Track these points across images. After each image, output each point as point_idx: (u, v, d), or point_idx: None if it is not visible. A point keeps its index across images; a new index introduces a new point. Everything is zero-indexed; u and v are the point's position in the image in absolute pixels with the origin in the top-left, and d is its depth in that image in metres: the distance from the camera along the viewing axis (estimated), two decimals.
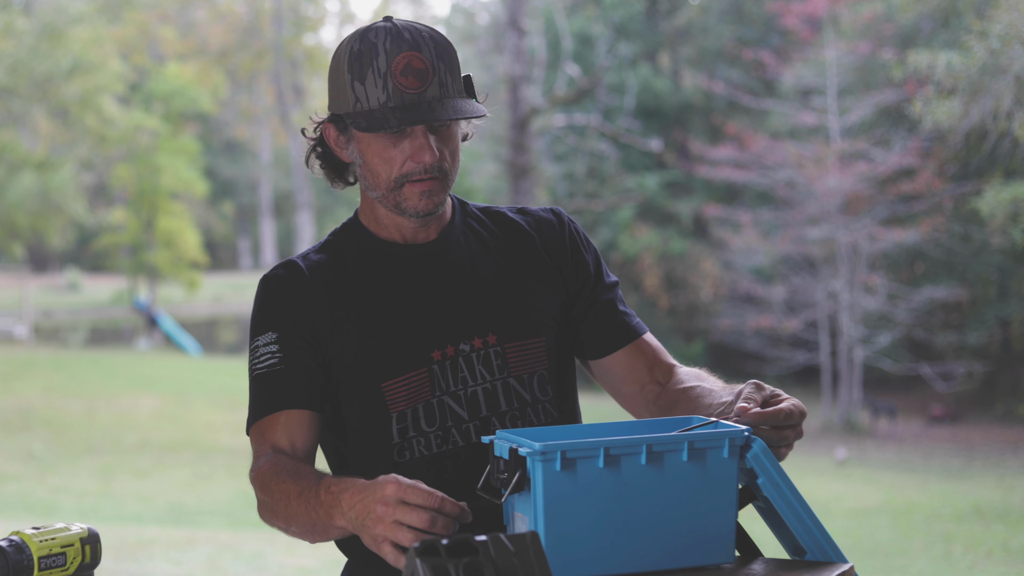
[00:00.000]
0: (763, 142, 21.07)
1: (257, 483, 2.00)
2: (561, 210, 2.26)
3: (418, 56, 1.97)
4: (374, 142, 2.01)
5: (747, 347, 21.84)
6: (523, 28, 18.96)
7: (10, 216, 26.56)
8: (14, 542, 1.79)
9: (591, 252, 2.23)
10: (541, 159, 23.97)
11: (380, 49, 1.97)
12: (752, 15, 26.55)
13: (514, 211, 2.24)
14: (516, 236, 2.19)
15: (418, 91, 1.97)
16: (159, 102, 30.34)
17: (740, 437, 1.77)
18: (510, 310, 2.11)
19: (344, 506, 1.80)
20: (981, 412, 20.48)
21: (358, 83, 1.98)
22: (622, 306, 2.23)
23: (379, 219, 2.13)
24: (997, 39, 13.12)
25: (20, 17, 23.71)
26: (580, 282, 2.20)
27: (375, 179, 2.04)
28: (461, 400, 2.07)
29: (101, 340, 29.39)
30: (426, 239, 2.13)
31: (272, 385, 2.04)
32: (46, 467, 13.14)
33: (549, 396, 2.12)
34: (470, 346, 2.08)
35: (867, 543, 10.11)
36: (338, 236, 2.17)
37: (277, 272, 2.11)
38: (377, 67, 1.97)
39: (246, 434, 2.10)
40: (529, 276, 2.15)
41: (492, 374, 2.08)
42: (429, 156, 2.00)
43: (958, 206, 20.56)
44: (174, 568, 7.86)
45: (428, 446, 2.06)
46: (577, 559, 1.72)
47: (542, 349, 2.12)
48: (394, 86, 1.96)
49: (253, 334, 2.09)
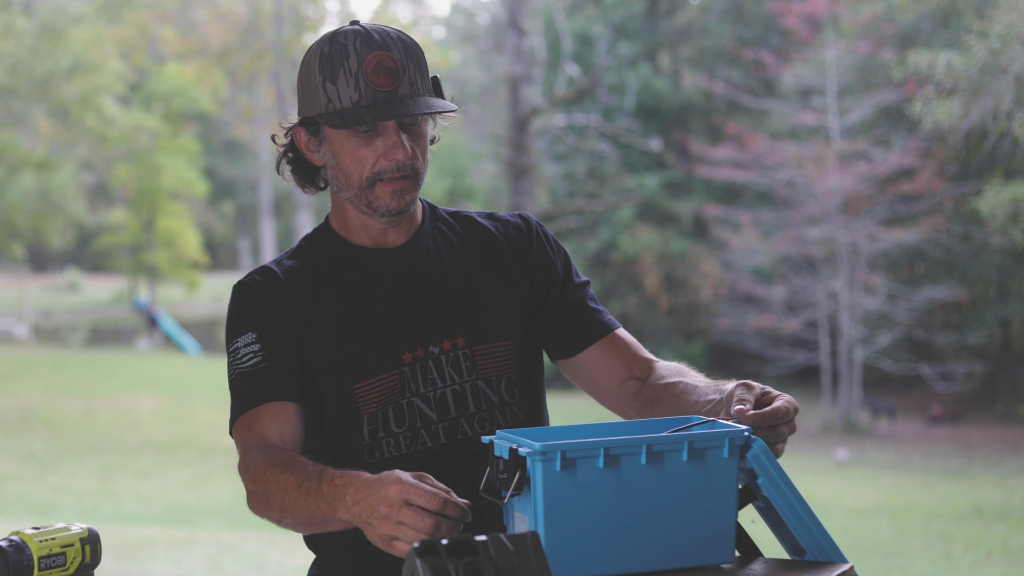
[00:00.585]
0: (763, 142, 21.07)
1: (249, 474, 2.00)
2: (529, 215, 2.27)
3: (388, 55, 2.00)
4: (346, 142, 2.03)
5: (747, 347, 21.84)
6: (523, 28, 18.96)
7: (10, 216, 26.56)
8: (14, 542, 1.79)
9: (560, 254, 2.24)
10: (541, 159, 23.98)
11: (350, 50, 2.00)
12: (752, 15, 26.55)
13: (483, 216, 2.25)
14: (484, 241, 2.20)
15: (390, 88, 1.99)
16: (159, 102, 30.34)
17: (740, 437, 1.77)
18: (478, 313, 2.12)
19: (348, 501, 1.80)
20: (981, 412, 20.48)
21: (330, 84, 2.01)
22: (592, 303, 2.23)
23: (349, 223, 2.15)
24: (997, 39, 13.12)
25: (20, 17, 23.70)
26: (548, 285, 2.21)
27: (347, 179, 2.06)
28: (430, 401, 2.08)
29: (101, 340, 29.39)
30: (396, 243, 2.15)
31: (257, 381, 2.05)
32: (46, 467, 13.14)
33: (516, 399, 2.13)
34: (439, 348, 2.09)
35: (867, 543, 10.11)
36: (310, 242, 2.18)
37: (253, 277, 2.13)
38: (348, 67, 2.00)
39: (229, 434, 2.10)
40: (497, 280, 2.17)
41: (461, 376, 2.10)
42: (402, 153, 2.02)
43: (958, 206, 20.56)
44: (174, 568, 7.86)
45: (398, 447, 2.07)
46: (577, 559, 1.72)
47: (510, 352, 2.13)
48: (366, 84, 1.99)
49: (231, 336, 2.09)
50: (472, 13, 38.52)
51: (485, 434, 2.07)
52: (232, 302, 2.13)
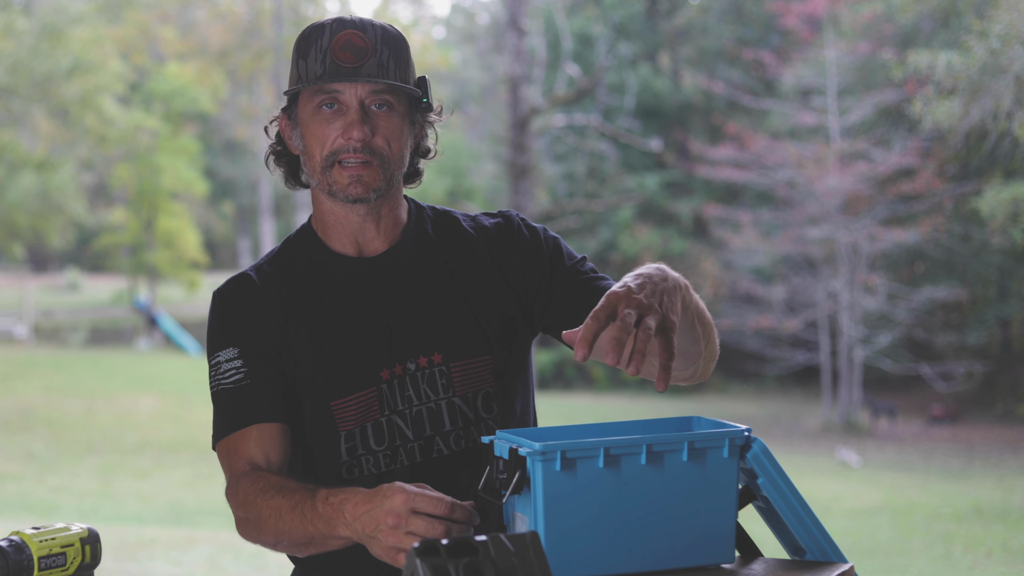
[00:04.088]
0: (763, 142, 21.08)
1: (237, 501, 1.98)
2: (512, 213, 2.19)
3: (360, 35, 1.99)
4: (311, 121, 2.01)
5: (747, 347, 21.84)
6: (523, 28, 18.97)
7: (10, 216, 26.57)
8: (14, 542, 1.78)
9: (545, 245, 2.13)
10: (541, 159, 23.99)
11: (326, 30, 2.00)
12: (752, 15, 26.56)
13: (467, 220, 2.18)
14: (467, 249, 2.13)
15: (354, 65, 1.97)
16: (159, 102, 30.35)
17: (740, 437, 1.77)
18: (456, 328, 2.06)
19: (348, 517, 1.79)
20: (981, 412, 20.48)
21: (301, 60, 2.00)
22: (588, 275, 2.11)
23: (326, 221, 2.09)
24: (997, 39, 13.12)
25: (20, 17, 23.70)
26: (535, 286, 2.12)
27: (311, 161, 2.02)
28: (407, 419, 2.05)
29: (101, 340, 29.38)
30: (376, 250, 2.10)
31: (240, 400, 2.02)
32: (46, 467, 13.14)
33: (493, 413, 2.08)
34: (416, 364, 2.05)
35: (867, 543, 10.11)
36: (290, 245, 2.13)
37: (231, 286, 2.09)
38: (320, 44, 1.99)
39: (212, 449, 2.08)
40: (478, 292, 2.10)
41: (436, 393, 2.05)
42: (357, 132, 1.97)
43: (958, 206, 20.57)
44: (174, 568, 7.86)
45: (377, 464, 2.04)
46: (577, 559, 1.72)
47: (488, 366, 2.08)
48: (332, 60, 1.97)
49: (213, 349, 2.06)
50: (472, 13, 38.52)
51: (460, 452, 2.05)
52: (212, 311, 2.09)
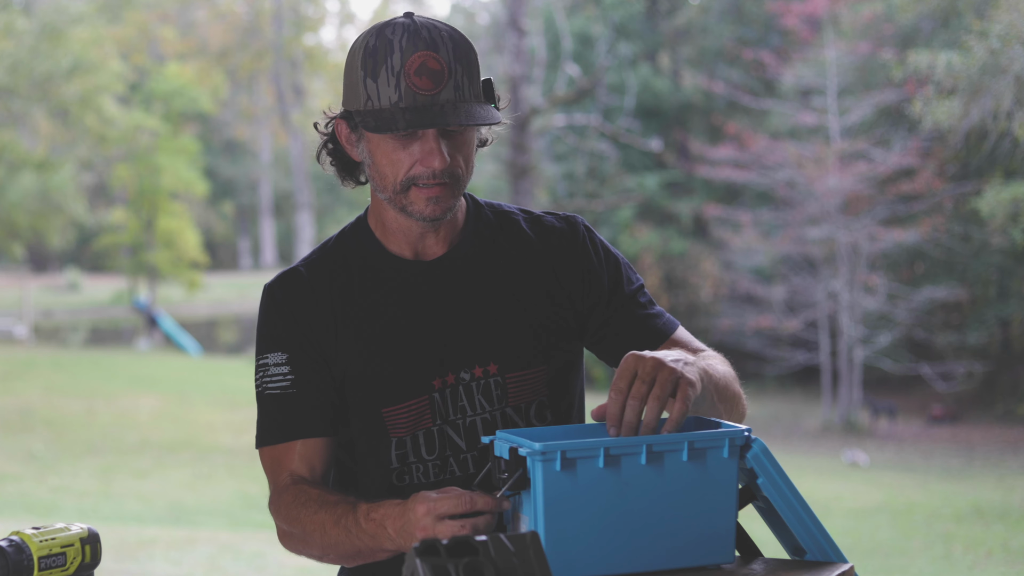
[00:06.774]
0: (763, 142, 21.07)
1: (281, 515, 1.99)
2: (578, 220, 2.15)
3: (434, 56, 1.89)
4: (383, 143, 1.94)
5: (747, 347, 21.83)
6: (523, 28, 18.96)
7: (10, 216, 26.55)
8: (14, 542, 1.78)
9: (608, 263, 2.13)
10: (541, 159, 23.97)
11: (395, 46, 1.89)
12: (752, 15, 26.55)
13: (528, 220, 2.13)
14: (526, 252, 2.09)
15: (431, 93, 1.88)
16: (159, 102, 30.33)
17: (740, 437, 1.77)
18: (512, 338, 2.04)
19: (391, 532, 1.82)
20: (981, 412, 20.47)
21: (370, 80, 1.90)
22: (644, 310, 2.12)
23: (387, 224, 2.06)
24: (997, 39, 13.11)
25: (20, 17, 23.71)
26: (592, 301, 2.10)
27: (382, 180, 1.97)
28: (460, 430, 2.04)
29: (101, 340, 29.38)
30: (434, 254, 2.06)
31: (287, 410, 2.02)
32: (46, 467, 13.13)
33: (546, 422, 2.08)
34: (471, 375, 2.03)
35: (867, 543, 10.11)
36: (345, 240, 2.10)
37: (283, 284, 2.07)
38: (391, 65, 1.89)
39: (255, 447, 2.08)
40: (536, 300, 2.07)
41: (491, 404, 2.04)
42: (439, 162, 1.91)
43: (958, 206, 20.56)
44: (174, 568, 7.86)
45: (427, 474, 2.04)
46: (577, 559, 1.72)
47: (542, 378, 2.06)
48: (407, 86, 1.88)
49: (261, 349, 2.05)
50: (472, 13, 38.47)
51: None
52: (262, 308, 2.07)
